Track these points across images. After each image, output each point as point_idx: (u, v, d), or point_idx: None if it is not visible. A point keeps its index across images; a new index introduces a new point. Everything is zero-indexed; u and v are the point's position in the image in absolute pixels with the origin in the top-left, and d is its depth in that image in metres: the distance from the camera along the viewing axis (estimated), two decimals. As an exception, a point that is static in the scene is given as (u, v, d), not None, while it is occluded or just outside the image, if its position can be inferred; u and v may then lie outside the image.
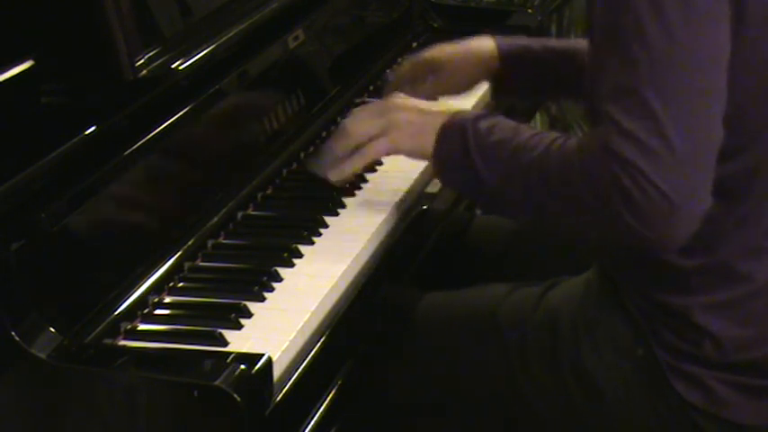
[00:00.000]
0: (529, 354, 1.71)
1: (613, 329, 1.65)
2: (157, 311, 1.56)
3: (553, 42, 2.09)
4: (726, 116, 1.48)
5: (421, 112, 1.75)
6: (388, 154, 1.79)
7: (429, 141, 1.69)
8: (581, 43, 1.90)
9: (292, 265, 1.65)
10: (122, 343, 1.49)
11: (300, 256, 1.67)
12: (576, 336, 1.68)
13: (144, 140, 1.65)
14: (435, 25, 2.60)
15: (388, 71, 2.26)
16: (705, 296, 1.59)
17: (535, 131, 1.62)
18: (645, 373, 1.63)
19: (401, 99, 1.80)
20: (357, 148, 1.79)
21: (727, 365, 1.60)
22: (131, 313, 1.53)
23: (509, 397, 1.72)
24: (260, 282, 1.60)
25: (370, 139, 1.77)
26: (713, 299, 1.60)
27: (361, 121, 1.79)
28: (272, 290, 1.60)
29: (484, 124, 1.65)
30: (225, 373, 1.35)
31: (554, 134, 1.59)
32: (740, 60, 1.49)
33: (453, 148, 1.66)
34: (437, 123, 1.70)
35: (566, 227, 1.62)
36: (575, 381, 1.67)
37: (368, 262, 1.71)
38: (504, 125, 1.65)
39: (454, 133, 1.67)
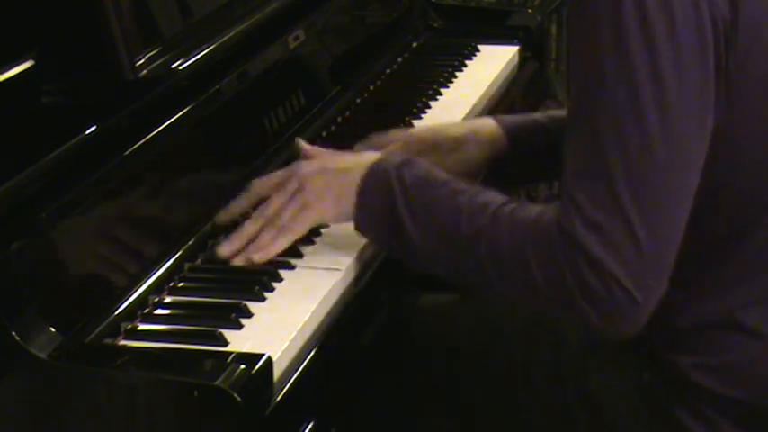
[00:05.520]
0: (533, 369, 1.70)
1: (619, 351, 1.63)
2: (158, 311, 1.55)
3: (559, 112, 1.91)
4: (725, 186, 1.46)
5: (334, 172, 1.63)
6: (313, 226, 1.66)
7: (350, 203, 1.59)
8: None
9: (292, 266, 1.65)
10: (122, 343, 1.49)
11: (301, 255, 1.67)
12: (582, 355, 1.67)
13: (144, 140, 1.65)
14: (435, 25, 2.60)
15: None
16: (702, 356, 1.55)
17: (472, 191, 1.53)
18: (648, 398, 1.61)
19: (307, 163, 1.68)
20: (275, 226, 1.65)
21: (731, 404, 1.56)
22: (131, 313, 1.53)
23: (509, 410, 1.71)
24: (260, 282, 1.60)
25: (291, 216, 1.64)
26: (710, 360, 1.55)
27: (274, 200, 1.65)
28: (272, 290, 1.60)
29: (411, 174, 1.56)
30: (225, 373, 1.35)
31: (496, 197, 1.51)
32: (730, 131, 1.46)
33: (376, 205, 1.57)
34: (356, 179, 1.59)
35: (512, 298, 1.58)
36: (578, 400, 1.65)
37: (370, 261, 1.71)
38: (436, 178, 1.55)
39: (376, 187, 1.57)
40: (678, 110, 1.41)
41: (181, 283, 1.62)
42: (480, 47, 2.49)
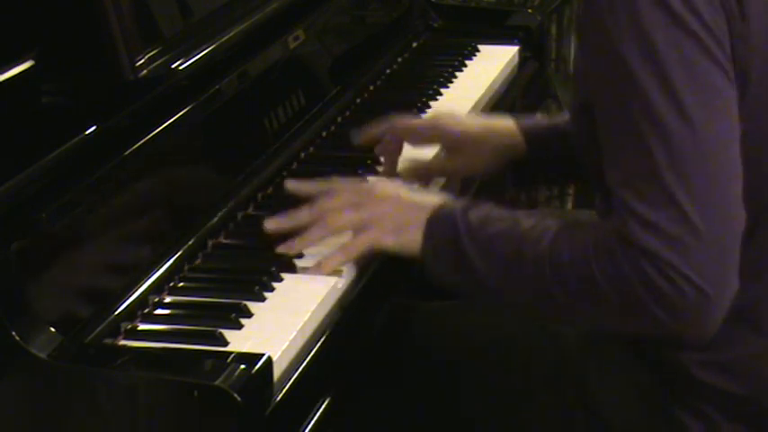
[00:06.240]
0: (533, 370, 1.70)
1: (619, 352, 1.62)
2: (158, 311, 1.55)
3: None
4: None
5: (404, 203, 1.63)
6: (370, 250, 1.65)
7: (415, 238, 1.59)
8: None
9: (293, 265, 1.65)
10: (122, 343, 1.49)
11: (301, 256, 1.67)
12: (582, 356, 1.66)
13: (144, 140, 1.65)
14: (435, 25, 2.60)
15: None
16: (706, 353, 1.54)
17: (534, 220, 1.53)
18: (647, 398, 1.60)
19: (381, 185, 1.69)
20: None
21: (732, 401, 1.56)
22: (131, 313, 1.53)
23: (508, 411, 1.71)
24: (260, 282, 1.60)
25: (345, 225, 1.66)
26: (714, 356, 1.55)
27: (338, 212, 1.66)
28: (272, 290, 1.59)
29: (475, 215, 1.56)
30: (225, 373, 1.35)
31: (556, 222, 1.52)
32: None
33: (442, 244, 1.57)
34: (422, 217, 1.59)
35: (585, 321, 1.56)
36: (577, 400, 1.65)
37: (370, 261, 1.70)
38: (497, 215, 1.56)
39: (442, 228, 1.58)
40: (710, 85, 1.41)
41: (181, 283, 1.62)
42: (480, 47, 2.49)
